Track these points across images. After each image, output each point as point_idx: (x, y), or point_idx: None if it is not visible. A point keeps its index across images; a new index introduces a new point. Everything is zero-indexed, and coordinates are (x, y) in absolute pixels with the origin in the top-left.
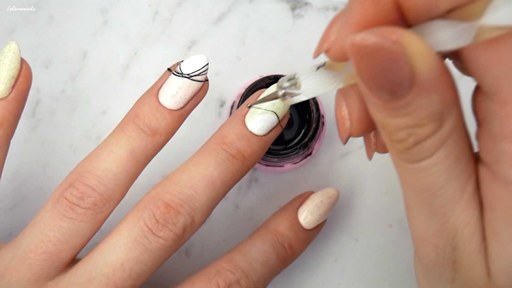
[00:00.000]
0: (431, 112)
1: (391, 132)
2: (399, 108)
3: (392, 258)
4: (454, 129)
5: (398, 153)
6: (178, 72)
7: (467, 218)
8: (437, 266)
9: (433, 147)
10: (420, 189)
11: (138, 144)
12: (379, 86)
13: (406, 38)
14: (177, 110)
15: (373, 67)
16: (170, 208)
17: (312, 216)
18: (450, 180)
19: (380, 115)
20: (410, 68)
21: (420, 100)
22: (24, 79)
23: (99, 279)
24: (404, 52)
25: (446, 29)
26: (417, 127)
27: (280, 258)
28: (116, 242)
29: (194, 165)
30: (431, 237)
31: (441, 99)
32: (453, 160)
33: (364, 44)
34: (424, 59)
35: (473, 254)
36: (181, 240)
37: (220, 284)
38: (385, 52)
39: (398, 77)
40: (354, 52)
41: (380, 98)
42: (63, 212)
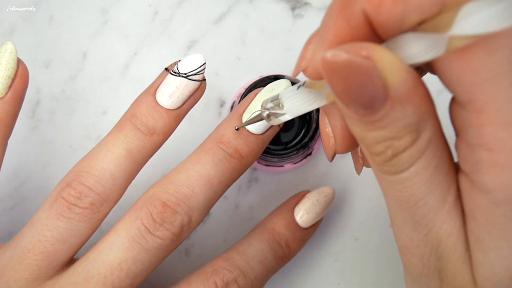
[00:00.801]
0: (406, 124)
1: (369, 145)
2: (375, 122)
3: (392, 258)
4: (431, 139)
5: (377, 166)
6: (175, 72)
7: (450, 227)
8: (424, 276)
9: (411, 158)
10: (402, 200)
11: (135, 143)
12: (353, 101)
13: (376, 52)
14: (174, 109)
15: (346, 83)
16: (167, 207)
17: (308, 215)
18: (430, 191)
19: (357, 128)
20: (382, 82)
21: (395, 113)
22: (20, 79)
23: (97, 278)
24: (375, 67)
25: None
26: (394, 139)
27: (277, 257)
28: (114, 242)
29: (191, 164)
30: (415, 247)
31: (416, 111)
32: (432, 170)
33: (334, 61)
34: (396, 73)
35: (458, 263)
36: (178, 240)
37: (218, 282)
38: (356, 67)
39: (371, 92)
40: (326, 69)
41: (356, 112)
42: (61, 212)
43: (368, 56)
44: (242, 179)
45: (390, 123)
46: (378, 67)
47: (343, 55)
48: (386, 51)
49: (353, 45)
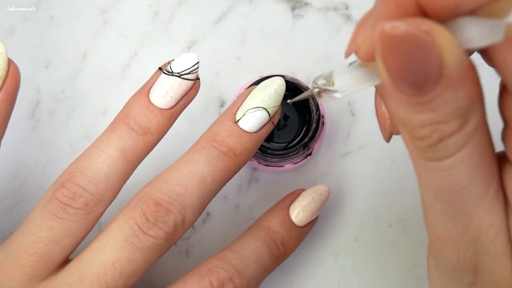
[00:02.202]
0: (456, 108)
1: (413, 129)
2: (424, 103)
3: (392, 258)
4: (478, 126)
5: (419, 151)
6: (168, 71)
7: (491, 219)
8: (457, 269)
9: (457, 144)
10: (442, 189)
11: (129, 143)
12: (405, 79)
13: (437, 29)
14: (168, 109)
15: (401, 58)
16: (160, 207)
17: (304, 213)
18: (474, 180)
19: (402, 110)
20: (439, 60)
21: (447, 95)
22: (12, 80)
23: (90, 278)
24: (434, 43)
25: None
26: (441, 123)
27: (273, 255)
28: (107, 242)
29: (184, 163)
30: (452, 240)
31: (467, 95)
32: (477, 158)
33: (393, 33)
34: (454, 52)
35: (498, 256)
36: (172, 239)
37: (213, 281)
38: (415, 41)
39: (426, 69)
40: (382, 41)
41: (404, 92)
42: (55, 212)
43: (429, 31)
44: (242, 179)
45: (440, 105)
46: (437, 43)
47: (403, 27)
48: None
49: (414, 19)
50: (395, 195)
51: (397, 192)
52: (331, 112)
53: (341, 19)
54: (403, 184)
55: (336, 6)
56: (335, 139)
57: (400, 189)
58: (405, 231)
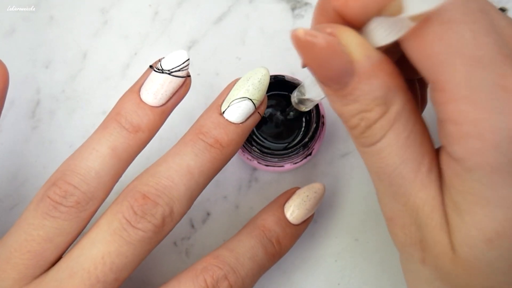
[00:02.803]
0: (375, 97)
1: (346, 120)
2: (346, 95)
3: (392, 258)
4: (401, 112)
5: (355, 139)
6: (158, 69)
7: (425, 196)
8: (407, 246)
9: (382, 129)
10: (379, 171)
11: (120, 141)
12: (326, 76)
13: (340, 30)
14: (159, 106)
15: (315, 58)
16: (147, 199)
17: (298, 210)
18: (403, 161)
19: (335, 105)
20: (348, 57)
21: (363, 86)
22: (0, 80)
23: (81, 273)
24: (339, 42)
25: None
26: (365, 112)
27: (268, 253)
28: (96, 236)
29: (171, 156)
30: (396, 218)
31: (382, 85)
32: (403, 141)
33: (302, 36)
34: (359, 48)
35: (435, 230)
36: (161, 232)
37: (207, 279)
38: (322, 42)
39: (339, 66)
40: (297, 44)
41: (330, 87)
42: (47, 211)
43: (332, 33)
44: (242, 179)
45: (360, 96)
46: (342, 42)
47: (310, 31)
48: (348, 30)
49: (321, 25)
50: None
51: None
52: (331, 112)
53: None
54: None
55: None
56: (335, 139)
57: None
58: None
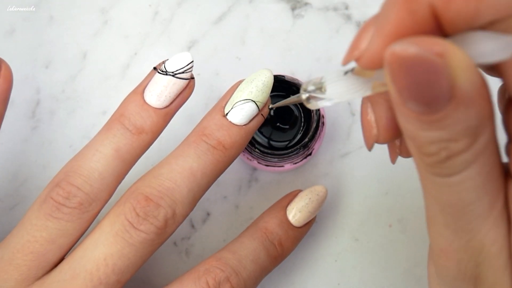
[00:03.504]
0: (467, 127)
1: (421, 145)
2: (433, 122)
3: (392, 258)
4: (488, 144)
5: (426, 166)
6: (162, 71)
7: (495, 235)
8: (458, 281)
9: (465, 162)
10: (447, 204)
11: (123, 143)
12: (414, 98)
13: (450, 50)
14: (162, 108)
15: (411, 79)
16: (150, 201)
17: (301, 213)
18: (480, 197)
19: (411, 126)
20: (451, 81)
21: (457, 115)
22: (4, 80)
23: (83, 275)
24: (446, 65)
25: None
26: (450, 141)
27: (270, 256)
28: (98, 238)
29: (173, 158)
30: (454, 252)
31: (478, 113)
32: (484, 176)
33: (404, 56)
34: (466, 73)
35: (499, 271)
36: (163, 234)
37: (210, 281)
38: (426, 64)
39: (437, 90)
40: (392, 63)
41: (414, 110)
42: (50, 212)
43: (441, 54)
44: (242, 179)
45: (450, 124)
46: (449, 65)
47: (414, 49)
48: (458, 49)
49: (425, 39)
50: (395, 195)
51: (397, 192)
52: (331, 112)
53: (341, 19)
54: (403, 184)
55: (336, 6)
56: (335, 139)
57: (400, 189)
58: (405, 231)
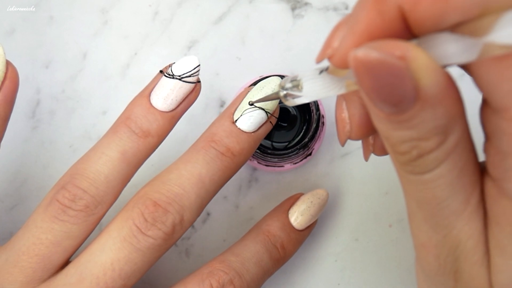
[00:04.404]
0: (435, 126)
1: (394, 144)
2: (402, 121)
3: (392, 258)
4: (459, 142)
5: (400, 164)
6: (169, 74)
7: (471, 230)
8: (439, 275)
9: (437, 160)
10: (423, 200)
11: (129, 146)
12: (382, 100)
13: (411, 53)
14: (169, 111)
15: (376, 82)
16: (158, 207)
17: (303, 216)
18: (454, 193)
19: (383, 126)
20: (415, 83)
21: (425, 114)
22: (10, 82)
23: (90, 279)
24: (408, 68)
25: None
26: (420, 140)
27: (273, 258)
28: (106, 242)
29: (182, 164)
30: (433, 247)
31: (446, 112)
32: (457, 173)
33: (366, 60)
34: (429, 74)
35: (476, 265)
36: (171, 239)
37: (213, 284)
38: (388, 68)
39: (402, 92)
40: (357, 67)
41: (383, 110)
42: (55, 214)
43: (402, 57)
44: (242, 179)
45: (418, 123)
46: (411, 68)
47: (375, 54)
48: (421, 51)
49: (386, 43)
50: (395, 195)
51: (397, 192)
52: (331, 112)
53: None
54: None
55: (336, 6)
56: (335, 139)
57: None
58: (405, 231)
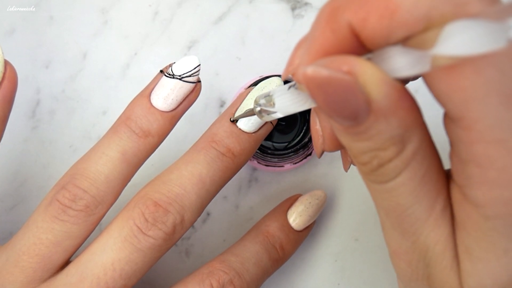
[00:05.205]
0: (391, 136)
1: (355, 155)
2: (359, 133)
3: None
4: (417, 150)
5: (364, 174)
6: (169, 74)
7: (437, 236)
8: (413, 281)
9: (396, 169)
10: (389, 208)
11: (130, 146)
12: (337, 114)
13: (358, 67)
14: (169, 111)
15: (328, 97)
16: (159, 207)
17: (301, 217)
18: (417, 201)
19: (343, 139)
20: (365, 96)
21: (379, 126)
22: (9, 82)
23: (90, 279)
24: (356, 82)
25: (403, 55)
26: (379, 150)
27: (272, 259)
28: (106, 242)
29: (183, 164)
30: (404, 253)
31: (401, 123)
32: (418, 181)
33: (316, 77)
34: (379, 87)
35: (445, 270)
36: (171, 239)
37: (214, 284)
38: (337, 83)
39: (354, 105)
40: (308, 84)
41: (339, 123)
42: (56, 214)
43: (349, 71)
44: (242, 179)
45: (375, 135)
46: (360, 81)
47: (323, 71)
48: (368, 65)
49: (334, 59)
50: None
51: None
52: None
53: None
54: None
55: None
56: None
57: None
58: None
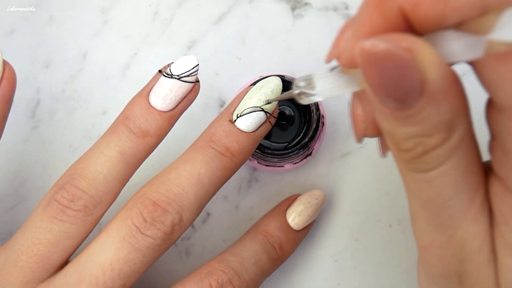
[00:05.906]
0: (440, 122)
1: (398, 141)
2: (407, 117)
3: (392, 258)
4: (463, 139)
5: (404, 162)
6: (168, 74)
7: (476, 230)
8: (443, 277)
9: (441, 157)
10: (427, 199)
11: (128, 146)
12: (387, 94)
13: (418, 45)
14: (167, 111)
15: (382, 74)
16: (157, 207)
17: (300, 217)
18: (458, 192)
19: (387, 123)
20: (421, 76)
21: (430, 109)
22: (8, 82)
23: (89, 279)
24: (415, 60)
25: (457, 40)
26: (425, 136)
27: (271, 258)
28: (105, 242)
29: (181, 164)
30: (437, 248)
31: (451, 108)
32: (461, 171)
33: (373, 51)
34: (436, 67)
35: (482, 266)
36: (170, 239)
37: (212, 283)
38: (395, 59)
39: (408, 85)
40: (363, 59)
41: (388, 106)
42: (54, 214)
43: (409, 48)
44: (242, 179)
45: (423, 119)
46: (418, 60)
47: (383, 45)
48: (427, 45)
49: (394, 36)
50: (395, 195)
51: (397, 192)
52: (331, 112)
53: (341, 19)
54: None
55: (336, 6)
56: (335, 139)
57: (400, 189)
58: (405, 231)
